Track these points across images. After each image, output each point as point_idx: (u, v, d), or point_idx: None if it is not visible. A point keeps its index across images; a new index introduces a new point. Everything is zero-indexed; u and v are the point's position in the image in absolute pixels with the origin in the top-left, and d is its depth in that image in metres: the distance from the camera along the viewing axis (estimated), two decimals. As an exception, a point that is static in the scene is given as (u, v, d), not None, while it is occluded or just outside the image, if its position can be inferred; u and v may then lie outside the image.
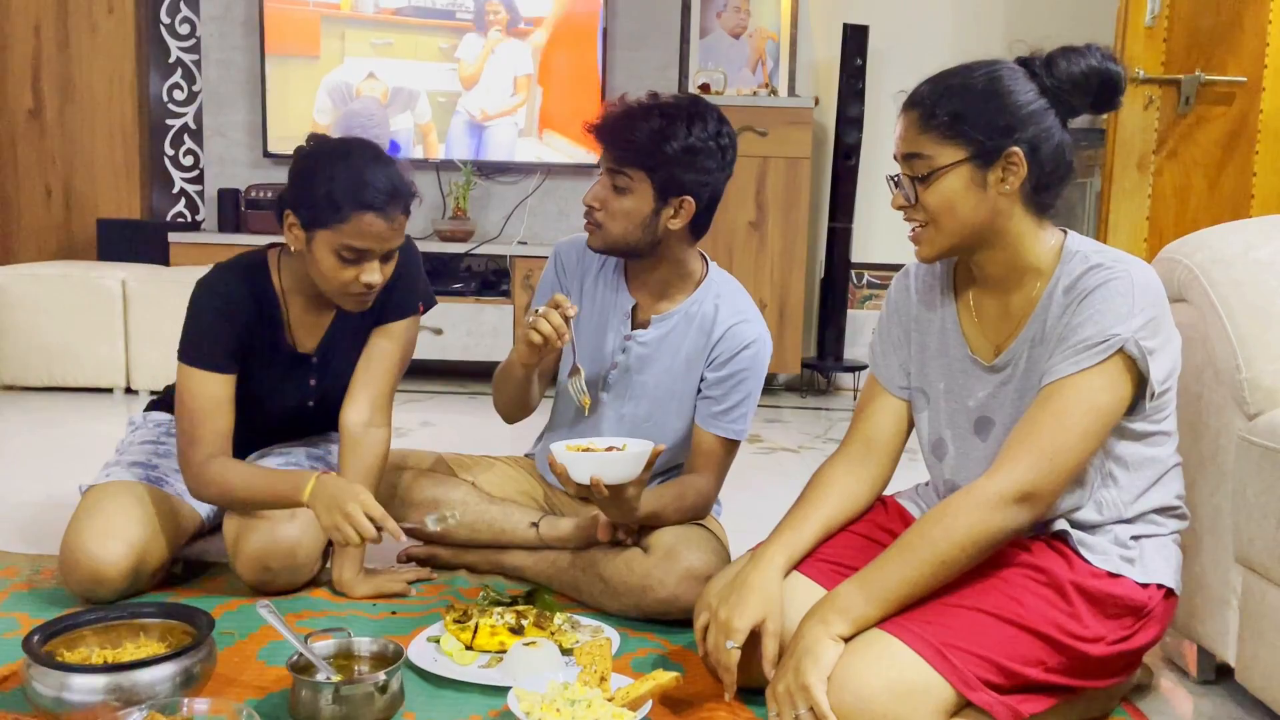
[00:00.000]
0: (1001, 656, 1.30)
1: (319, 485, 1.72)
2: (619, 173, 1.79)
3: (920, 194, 1.39)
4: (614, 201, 1.80)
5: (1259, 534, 1.45)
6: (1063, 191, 1.41)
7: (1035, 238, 1.41)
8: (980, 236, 1.40)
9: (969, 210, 1.38)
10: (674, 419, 1.93)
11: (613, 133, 1.79)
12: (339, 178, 1.71)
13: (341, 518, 1.68)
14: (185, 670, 1.40)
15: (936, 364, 1.51)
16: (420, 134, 4.45)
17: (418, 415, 3.68)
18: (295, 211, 1.75)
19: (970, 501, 1.32)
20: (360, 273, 1.75)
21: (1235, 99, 3.11)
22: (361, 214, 1.70)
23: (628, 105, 1.81)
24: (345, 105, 4.42)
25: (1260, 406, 1.49)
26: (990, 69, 1.38)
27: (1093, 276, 1.35)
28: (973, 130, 1.35)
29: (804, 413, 4.04)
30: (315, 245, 1.74)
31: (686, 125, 1.76)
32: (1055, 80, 1.37)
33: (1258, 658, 1.48)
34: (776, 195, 4.10)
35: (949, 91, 1.37)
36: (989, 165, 1.36)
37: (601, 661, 1.49)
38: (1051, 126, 1.37)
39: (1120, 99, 1.39)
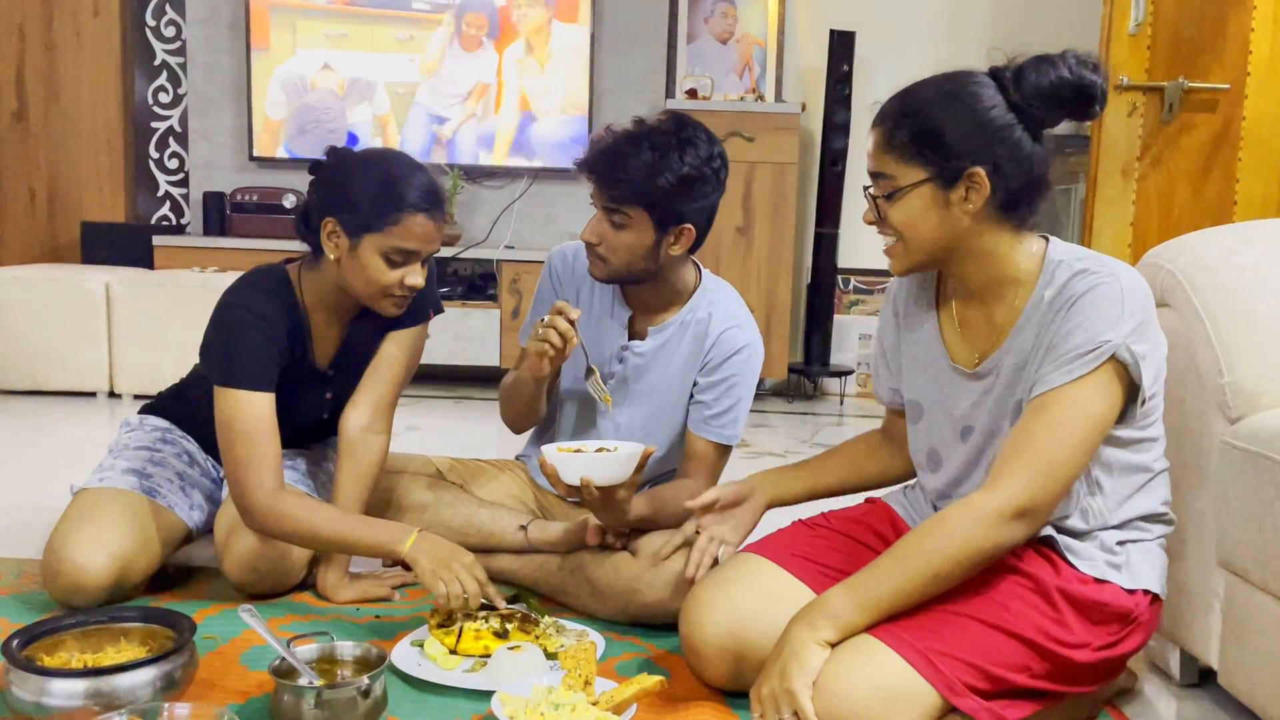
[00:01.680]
0: (987, 662, 1.30)
1: (424, 539, 1.69)
2: (615, 210, 1.76)
3: (886, 212, 1.39)
4: (614, 237, 1.78)
5: (1242, 538, 1.46)
6: (1041, 203, 1.39)
7: (1014, 249, 1.39)
8: (953, 251, 1.39)
9: (932, 229, 1.37)
10: (668, 425, 1.93)
11: (604, 172, 1.75)
12: (386, 182, 1.73)
13: (449, 572, 1.65)
14: (166, 675, 1.39)
15: (926, 374, 1.52)
16: (379, 125, 4.43)
17: (404, 420, 3.65)
18: (337, 219, 1.74)
19: (969, 516, 1.31)
20: (405, 275, 1.76)
21: (1218, 106, 3.13)
22: (413, 215, 1.72)
23: (615, 138, 1.77)
24: (299, 98, 4.40)
25: (1242, 411, 1.50)
26: (954, 86, 1.36)
27: (1080, 282, 1.34)
28: (932, 152, 1.34)
29: (791, 418, 4.05)
30: (361, 250, 1.74)
31: (679, 154, 1.74)
32: (1022, 94, 1.34)
33: (1240, 661, 1.48)
34: (763, 201, 4.11)
35: (909, 112, 1.36)
36: (951, 185, 1.34)
37: (586, 665, 1.48)
38: (1018, 141, 1.34)
39: (1098, 108, 1.35)
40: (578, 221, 4.62)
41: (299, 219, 1.83)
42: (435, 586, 1.64)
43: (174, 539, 1.90)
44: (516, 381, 1.90)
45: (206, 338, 1.81)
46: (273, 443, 1.75)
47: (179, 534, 1.91)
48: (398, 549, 1.69)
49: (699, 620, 1.51)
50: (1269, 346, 1.50)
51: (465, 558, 1.68)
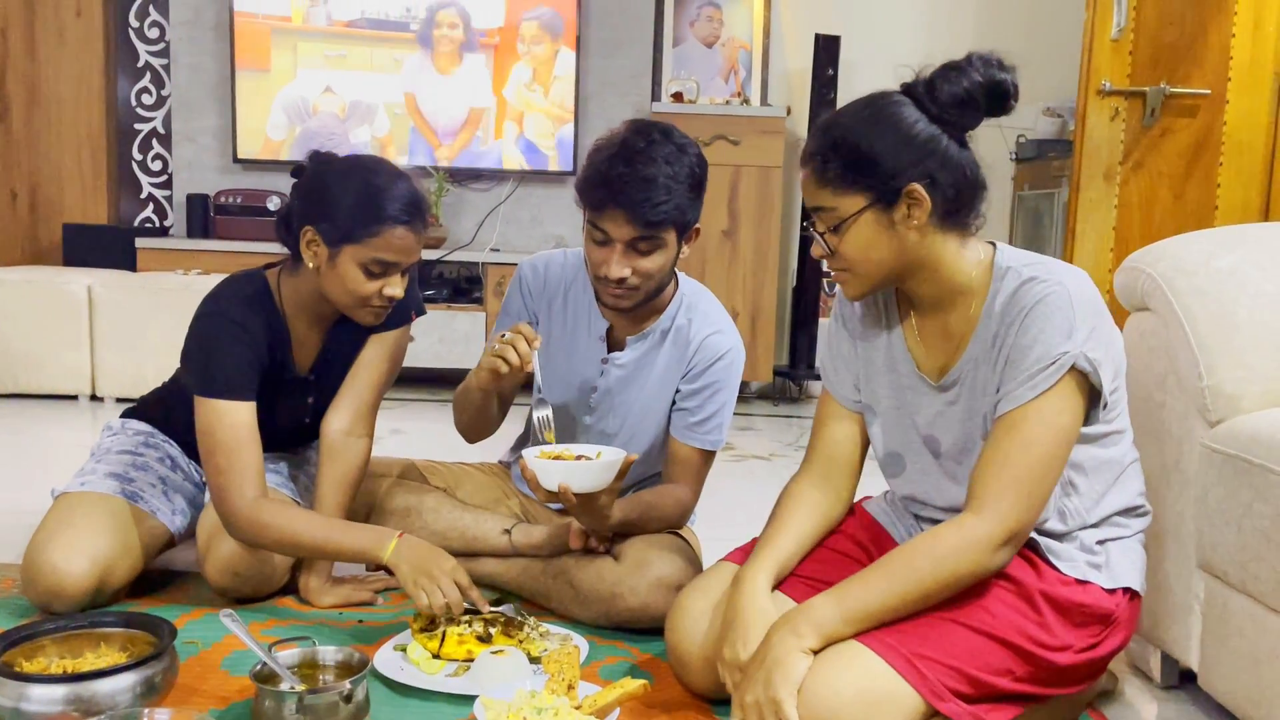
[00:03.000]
0: (970, 666, 1.31)
1: (404, 545, 1.67)
2: (650, 238, 1.72)
3: (835, 245, 1.39)
4: (645, 264, 1.74)
5: (1221, 540, 1.47)
6: (980, 208, 1.39)
7: (960, 257, 1.40)
8: (903, 269, 1.40)
9: (884, 252, 1.37)
10: (651, 432, 1.93)
11: (640, 202, 1.68)
12: (366, 192, 1.71)
13: (430, 580, 1.63)
14: (146, 680, 1.38)
15: (884, 380, 1.52)
16: (379, 146, 4.43)
17: (389, 423, 3.66)
18: (317, 228, 1.73)
19: (961, 541, 1.31)
20: (384, 286, 1.75)
21: (1199, 111, 3.16)
22: (394, 227, 1.71)
23: (631, 164, 1.68)
24: (303, 122, 4.40)
25: (1222, 414, 1.51)
26: (873, 110, 1.36)
27: (1028, 292, 1.34)
28: (866, 178, 1.34)
29: (776, 420, 4.05)
30: (340, 260, 1.73)
31: (685, 161, 1.72)
32: (939, 105, 1.34)
33: (1220, 663, 1.49)
34: (749, 204, 4.12)
35: (835, 144, 1.36)
36: (892, 206, 1.35)
37: (569, 669, 1.48)
38: (947, 151, 1.34)
39: (1013, 102, 1.35)
40: (562, 224, 4.66)
41: (279, 223, 1.82)
42: (416, 596, 1.63)
43: (156, 544, 1.89)
44: (465, 390, 1.86)
45: (186, 346, 1.80)
46: (254, 451, 1.74)
47: (161, 539, 1.90)
48: (379, 554, 1.68)
49: (686, 630, 1.51)
50: (1248, 350, 1.51)
51: (446, 563, 1.66)
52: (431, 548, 1.70)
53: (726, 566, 1.57)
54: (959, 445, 1.45)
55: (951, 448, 1.46)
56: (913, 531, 1.54)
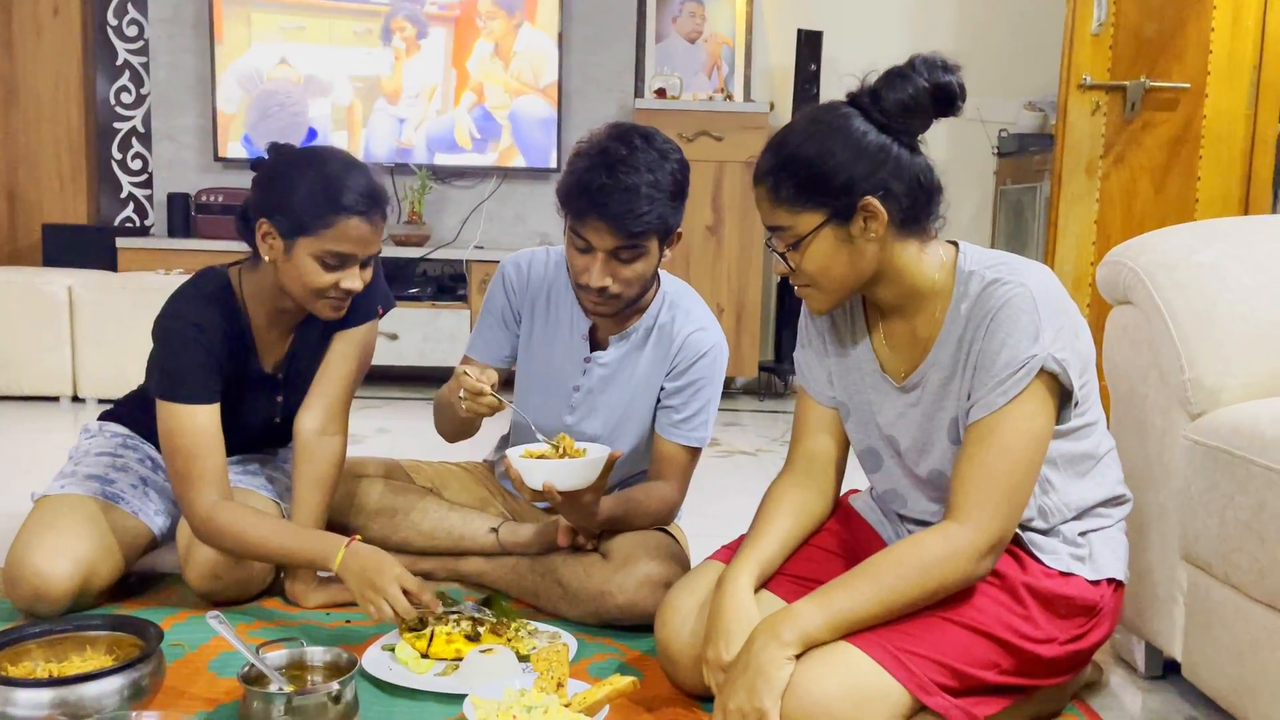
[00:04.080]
0: (956, 660, 1.31)
1: (350, 555, 1.65)
2: (632, 247, 1.71)
3: (796, 263, 1.39)
4: (627, 272, 1.73)
5: (1203, 531, 1.48)
6: (938, 211, 1.39)
7: (922, 262, 1.40)
8: (866, 279, 1.40)
9: (845, 266, 1.38)
10: (636, 430, 1.93)
11: (623, 213, 1.67)
12: (319, 183, 1.69)
13: (375, 593, 1.61)
14: (133, 683, 1.37)
15: (851, 377, 1.52)
16: (338, 120, 4.40)
17: (374, 422, 3.65)
18: (271, 220, 1.72)
19: (948, 552, 1.32)
20: (341, 279, 1.73)
21: (1179, 104, 3.18)
22: (347, 219, 1.69)
23: (614, 175, 1.66)
24: (256, 88, 4.36)
25: (1203, 406, 1.52)
26: (821, 125, 1.35)
27: (993, 295, 1.34)
28: (820, 195, 1.34)
29: (762, 416, 4.06)
30: (296, 253, 1.71)
31: (667, 167, 1.72)
32: (886, 113, 1.33)
33: (1204, 653, 1.51)
34: (733, 200, 4.12)
35: (784, 164, 1.36)
36: (848, 220, 1.34)
37: (558, 667, 1.48)
38: (898, 159, 1.34)
39: (960, 104, 1.34)
40: (546, 221, 4.65)
41: (238, 218, 1.80)
42: (365, 610, 1.62)
43: (138, 545, 1.88)
44: (447, 404, 1.81)
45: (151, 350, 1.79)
46: (215, 455, 1.73)
47: (143, 540, 1.89)
48: (329, 564, 1.66)
49: (675, 628, 1.51)
50: (1228, 343, 1.52)
51: (393, 569, 1.62)
52: (377, 554, 1.65)
53: (714, 565, 1.58)
54: (917, 446, 1.46)
55: (910, 449, 1.47)
56: (899, 532, 1.55)
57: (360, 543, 1.69)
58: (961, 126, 4.40)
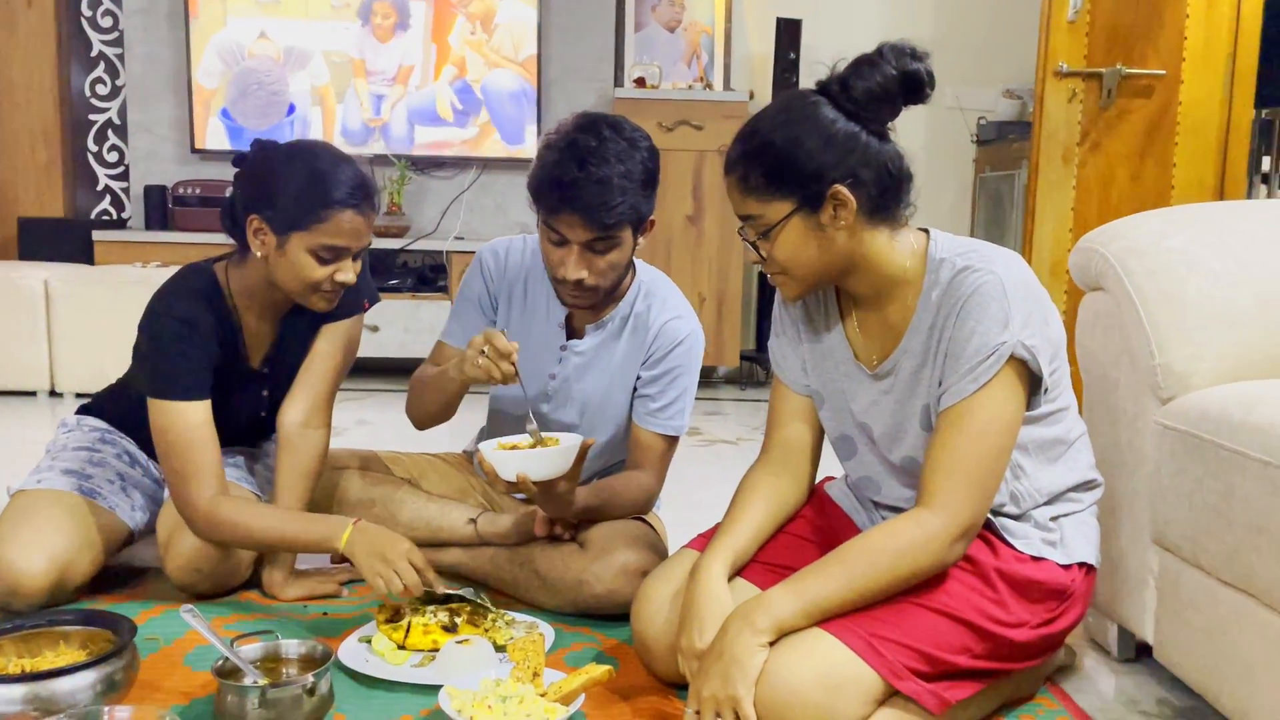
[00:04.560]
0: (929, 645, 1.32)
1: (358, 533, 1.67)
2: (606, 239, 1.71)
3: (767, 251, 1.40)
4: (601, 263, 1.73)
5: (1174, 515, 1.49)
6: (908, 198, 1.39)
7: (893, 250, 1.40)
8: (837, 267, 1.40)
9: (815, 254, 1.38)
10: (612, 420, 1.93)
11: (596, 206, 1.66)
12: (312, 178, 1.69)
13: (385, 565, 1.63)
14: (106, 678, 1.37)
15: (825, 365, 1.53)
16: (318, 96, 4.38)
17: (354, 414, 3.64)
18: (263, 216, 1.71)
19: (919, 537, 1.32)
20: (335, 272, 1.73)
21: (1155, 92, 3.19)
22: (341, 211, 1.69)
23: (585, 169, 1.65)
24: (237, 65, 4.34)
25: (1173, 391, 1.53)
26: (790, 114, 1.36)
27: (963, 282, 1.34)
28: (789, 183, 1.34)
29: (743, 405, 4.07)
30: (289, 248, 1.71)
31: (637, 157, 1.71)
32: (854, 102, 1.33)
33: (1175, 636, 1.52)
34: (713, 189, 4.12)
35: (753, 153, 1.36)
36: (817, 209, 1.35)
37: (535, 657, 1.48)
38: (867, 147, 1.34)
39: (928, 91, 1.34)
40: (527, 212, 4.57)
41: (224, 214, 1.80)
42: (374, 583, 1.63)
43: (115, 540, 1.87)
44: (442, 379, 1.80)
45: (136, 346, 1.79)
46: (210, 450, 1.73)
47: (120, 535, 1.88)
48: (335, 544, 1.68)
49: (650, 616, 1.52)
50: (1198, 328, 1.53)
51: (402, 545, 1.66)
52: (386, 532, 1.69)
53: (689, 553, 1.58)
54: (889, 434, 1.47)
55: (883, 436, 1.48)
56: (873, 518, 1.56)
57: (366, 522, 1.71)
58: (940, 115, 4.42)
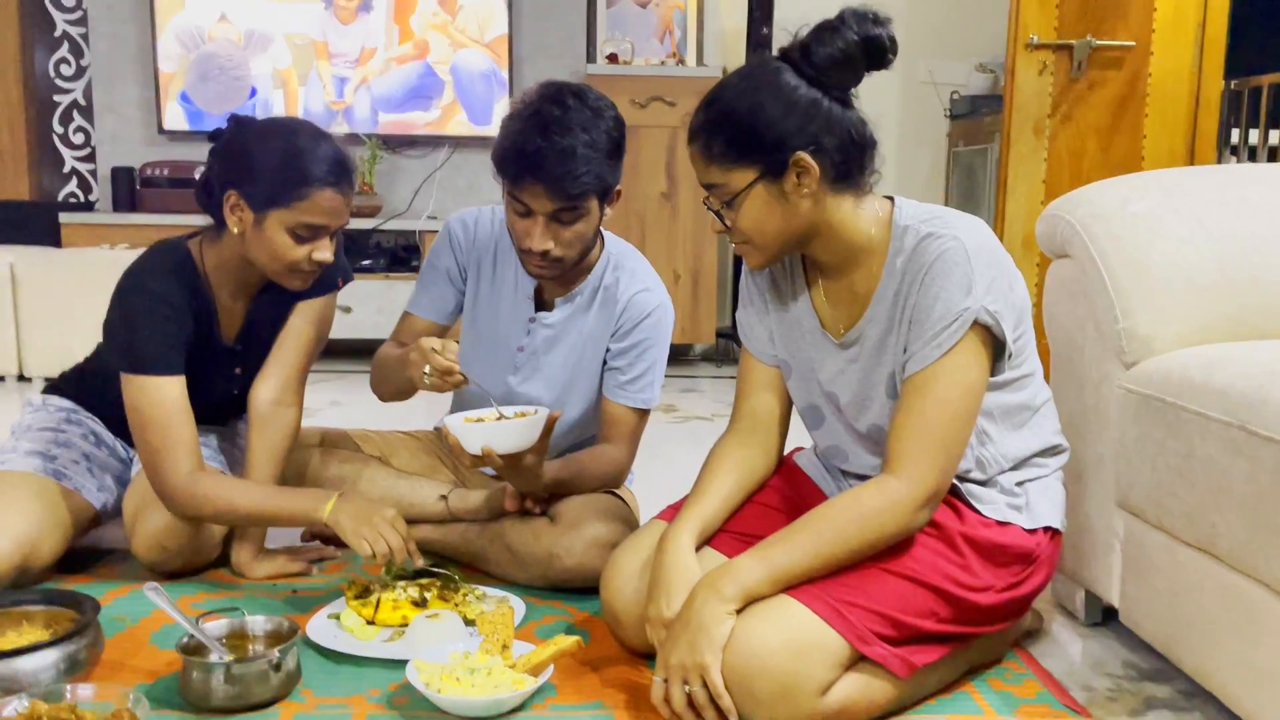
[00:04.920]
0: (895, 610, 1.33)
1: (342, 502, 1.68)
2: (571, 209, 1.69)
3: (731, 220, 1.39)
4: (567, 234, 1.71)
5: (1138, 478, 1.50)
6: (871, 163, 1.39)
7: (857, 217, 1.40)
8: (802, 235, 1.40)
9: (779, 222, 1.38)
10: (582, 394, 1.92)
11: (561, 175, 1.64)
12: (291, 155, 1.67)
13: (370, 528, 1.64)
14: (69, 657, 1.36)
15: (792, 335, 1.53)
16: (280, 80, 4.33)
17: (327, 395, 3.62)
18: (241, 192, 1.69)
19: (884, 502, 1.33)
20: (313, 250, 1.71)
21: (1125, 63, 3.20)
22: (320, 190, 1.67)
23: (548, 138, 1.63)
24: (196, 49, 4.28)
25: (1137, 355, 1.54)
26: (752, 81, 1.35)
27: (927, 249, 1.35)
28: (752, 151, 1.34)
29: (719, 382, 4.07)
30: (267, 225, 1.69)
31: (602, 125, 1.69)
32: (816, 68, 1.33)
33: (1139, 599, 1.53)
34: (687, 166, 4.05)
35: (715, 121, 1.35)
36: (781, 176, 1.34)
37: (504, 630, 1.48)
38: (829, 114, 1.33)
39: (891, 56, 1.34)
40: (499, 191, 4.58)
41: (200, 189, 1.78)
42: (359, 547, 1.64)
43: (81, 521, 1.85)
44: (398, 373, 1.76)
45: (109, 322, 1.77)
46: (186, 426, 1.72)
47: (86, 516, 1.86)
48: (318, 515, 1.68)
49: (619, 587, 1.52)
50: (1161, 292, 1.54)
51: (386, 512, 1.67)
52: (370, 501, 1.71)
53: (658, 524, 1.58)
54: (857, 402, 1.47)
55: (850, 404, 1.48)
56: (841, 487, 1.56)
57: (349, 493, 1.72)
58: (914, 89, 4.41)
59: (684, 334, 4.16)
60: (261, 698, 1.37)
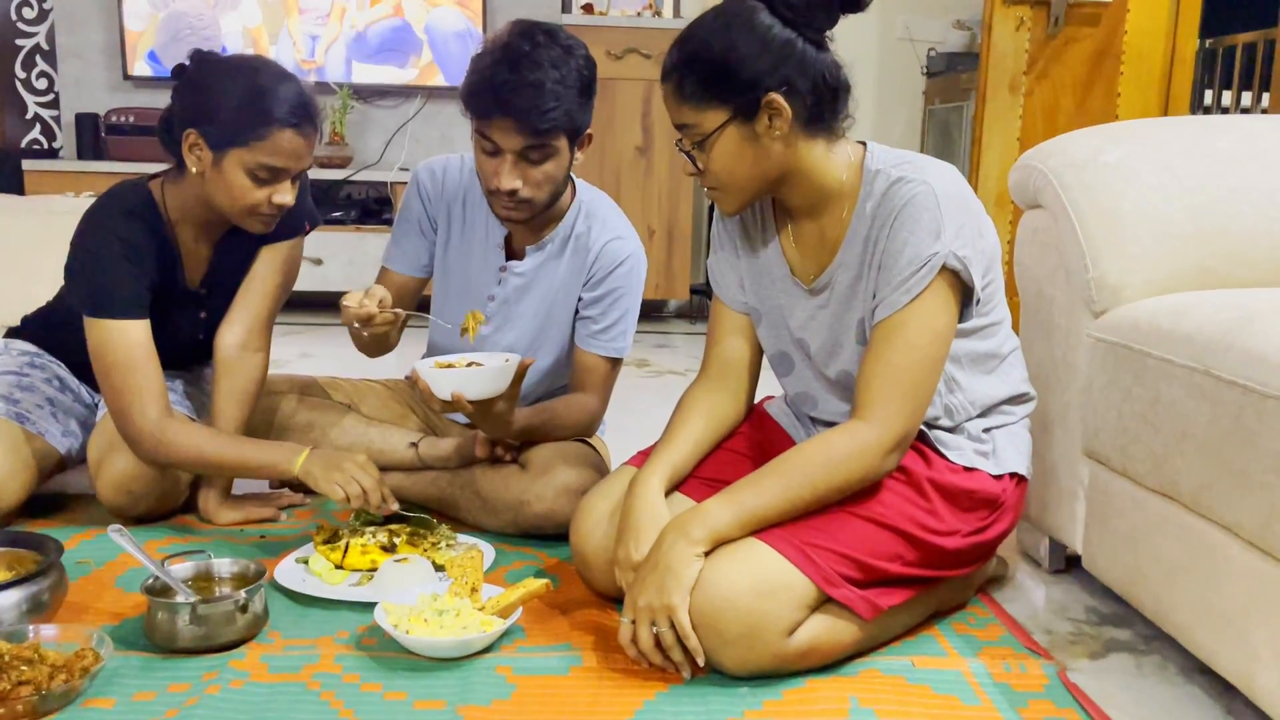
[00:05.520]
0: (861, 553, 1.34)
1: (314, 455, 1.69)
2: (541, 146, 1.66)
3: (703, 162, 1.38)
4: (536, 173, 1.68)
5: (1103, 426, 1.51)
6: (844, 108, 1.38)
7: (829, 162, 1.40)
8: (773, 179, 1.39)
9: (750, 164, 1.37)
10: (554, 343, 1.91)
11: (529, 108, 1.61)
12: (252, 93, 1.63)
13: (342, 474, 1.64)
14: (32, 597, 1.35)
15: (762, 282, 1.52)
16: (250, 39, 4.26)
17: (297, 347, 3.59)
18: (200, 130, 1.65)
19: (853, 447, 1.33)
20: (273, 193, 1.68)
21: (1101, 20, 3.19)
22: (281, 130, 1.64)
23: (516, 70, 1.62)
24: (165, 8, 4.20)
25: (1106, 304, 1.54)
26: (725, 19, 1.33)
27: (896, 194, 1.34)
28: (724, 91, 1.32)
29: (693, 338, 4.07)
30: (225, 165, 1.66)
31: (572, 62, 1.67)
32: (792, 9, 1.32)
33: (1102, 545, 1.55)
34: (663, 120, 4.06)
35: (688, 60, 1.34)
36: (753, 117, 1.33)
37: (473, 573, 1.48)
38: (803, 55, 1.32)
39: None
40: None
41: (161, 127, 1.74)
42: (333, 493, 1.64)
43: (45, 466, 1.83)
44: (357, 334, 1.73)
45: (69, 265, 1.73)
46: (152, 370, 1.69)
47: (50, 461, 1.85)
48: (289, 469, 1.67)
49: (588, 531, 1.52)
50: (1131, 241, 1.54)
51: (358, 457, 1.68)
52: (340, 451, 1.71)
53: (628, 470, 1.58)
54: (826, 348, 1.47)
55: (819, 351, 1.48)
56: (810, 433, 1.57)
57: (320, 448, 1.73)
58: (891, 47, 4.39)
59: (658, 290, 4.15)
60: (228, 639, 1.36)
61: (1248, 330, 1.25)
